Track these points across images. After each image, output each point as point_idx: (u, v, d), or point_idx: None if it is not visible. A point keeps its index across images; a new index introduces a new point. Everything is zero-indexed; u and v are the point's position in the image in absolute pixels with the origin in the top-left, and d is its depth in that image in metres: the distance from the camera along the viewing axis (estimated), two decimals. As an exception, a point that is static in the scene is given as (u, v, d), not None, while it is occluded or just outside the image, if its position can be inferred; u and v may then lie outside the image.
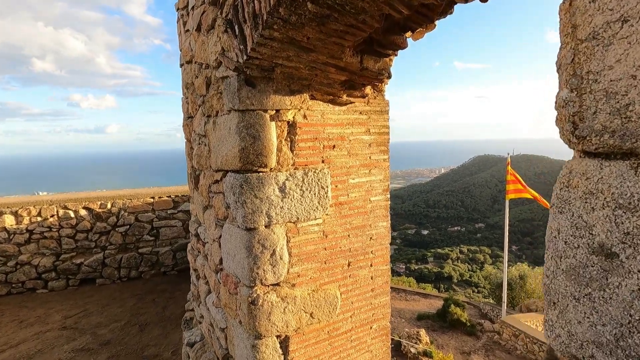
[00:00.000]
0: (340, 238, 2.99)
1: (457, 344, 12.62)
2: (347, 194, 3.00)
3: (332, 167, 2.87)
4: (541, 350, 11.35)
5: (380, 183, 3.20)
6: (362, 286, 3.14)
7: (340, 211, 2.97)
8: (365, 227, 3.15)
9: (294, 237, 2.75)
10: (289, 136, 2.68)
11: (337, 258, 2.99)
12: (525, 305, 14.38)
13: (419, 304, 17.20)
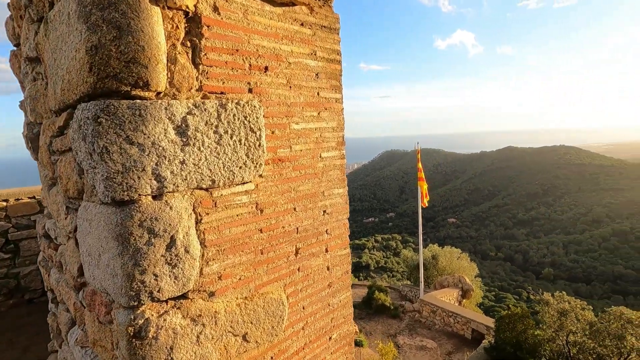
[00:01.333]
0: (283, 213, 1.98)
1: (384, 328, 12.72)
2: (290, 146, 1.99)
3: (266, 102, 1.83)
4: (456, 322, 12.06)
5: (334, 133, 2.29)
6: (317, 282, 2.21)
7: (281, 172, 1.96)
8: (317, 195, 2.20)
9: (208, 213, 1.62)
10: (188, 38, 1.53)
11: (280, 244, 1.98)
12: (439, 282, 15.24)
13: (346, 295, 17.13)
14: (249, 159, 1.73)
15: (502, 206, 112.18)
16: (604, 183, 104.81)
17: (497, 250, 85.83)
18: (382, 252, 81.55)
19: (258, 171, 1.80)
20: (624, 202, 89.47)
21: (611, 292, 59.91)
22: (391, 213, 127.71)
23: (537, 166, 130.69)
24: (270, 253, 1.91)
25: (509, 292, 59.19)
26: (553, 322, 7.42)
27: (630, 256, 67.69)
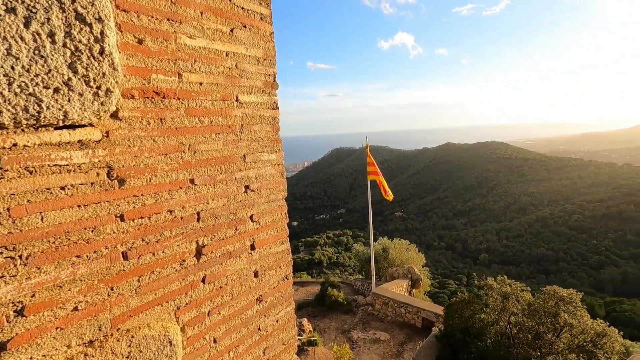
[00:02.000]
0: (169, 188, 1.16)
1: (338, 324, 12.34)
2: (178, 73, 1.18)
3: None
4: (407, 312, 12.08)
5: (259, 67, 1.56)
6: (237, 296, 1.42)
7: (162, 115, 1.13)
8: (233, 161, 1.42)
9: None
10: None
11: (166, 240, 1.16)
12: (390, 273, 15.24)
13: (298, 293, 16.46)
14: (77, 76, 0.87)
15: (443, 199, 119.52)
16: (528, 174, 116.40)
17: (440, 239, 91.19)
18: (333, 248, 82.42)
19: (105, 106, 0.95)
20: (544, 191, 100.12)
21: (536, 272, 66.61)
22: (341, 209, 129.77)
23: (473, 160, 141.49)
24: (144, 257, 1.10)
25: (450, 278, 63.11)
26: (496, 305, 7.55)
27: (550, 239, 75.79)
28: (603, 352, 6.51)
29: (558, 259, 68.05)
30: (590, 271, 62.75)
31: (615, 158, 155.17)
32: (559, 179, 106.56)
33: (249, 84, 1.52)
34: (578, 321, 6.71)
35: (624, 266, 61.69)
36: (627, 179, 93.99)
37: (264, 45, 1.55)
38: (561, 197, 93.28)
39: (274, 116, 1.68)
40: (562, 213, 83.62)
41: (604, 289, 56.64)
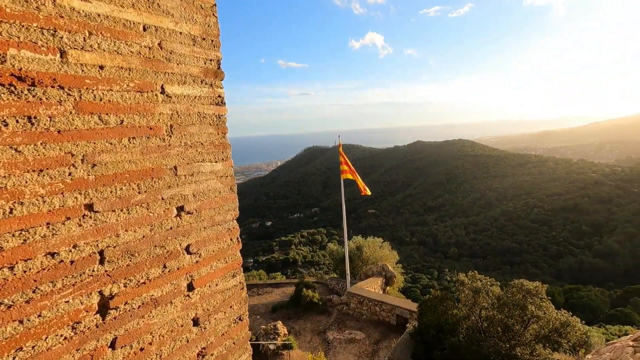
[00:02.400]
0: (47, 218, 0.77)
1: (313, 325, 12.09)
2: (57, 48, 0.78)
3: None
4: (382, 310, 12.06)
5: (195, 48, 1.23)
6: (168, 357, 1.06)
7: (28, 112, 0.73)
8: (159, 175, 1.06)
9: None
10: None
11: (45, 298, 0.76)
12: (364, 272, 15.19)
13: (272, 295, 16.04)
14: None
15: (414, 195, 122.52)
16: (493, 171, 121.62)
17: (412, 235, 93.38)
18: (308, 247, 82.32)
19: None
20: (507, 186, 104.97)
21: (501, 263, 69.68)
22: (316, 208, 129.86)
23: (441, 158, 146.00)
24: (4, 328, 0.72)
25: (422, 272, 64.76)
26: (468, 300, 7.62)
27: (514, 232, 79.52)
28: (567, 341, 6.71)
29: (521, 250, 71.54)
30: (550, 261, 66.49)
31: (571, 154, 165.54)
32: (521, 174, 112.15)
33: (180, 70, 1.17)
34: (544, 312, 6.88)
35: (580, 255, 65.82)
36: (581, 173, 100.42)
37: (202, 20, 1.19)
38: (523, 191, 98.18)
39: (218, 114, 1.33)
40: (524, 207, 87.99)
41: (562, 277, 60.16)
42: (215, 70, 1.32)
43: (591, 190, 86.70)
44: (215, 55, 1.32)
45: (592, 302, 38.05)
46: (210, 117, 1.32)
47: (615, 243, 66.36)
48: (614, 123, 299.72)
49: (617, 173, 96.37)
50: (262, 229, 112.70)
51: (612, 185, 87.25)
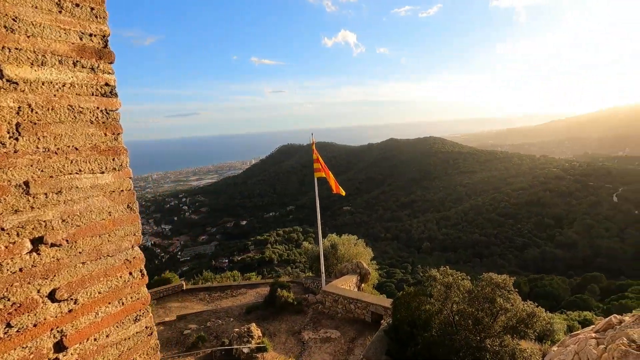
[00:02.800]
0: None
1: (288, 326, 12.02)
2: None
3: None
4: (357, 308, 12.19)
5: (62, 15, 0.97)
6: None
7: None
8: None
9: None
10: None
11: None
12: (339, 270, 15.31)
13: (246, 296, 15.85)
14: None
15: (388, 192, 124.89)
16: (463, 167, 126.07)
17: (386, 231, 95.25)
18: (284, 246, 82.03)
19: None
20: (476, 182, 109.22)
21: (472, 256, 72.47)
22: (291, 206, 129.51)
23: (414, 155, 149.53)
24: None
25: (397, 267, 66.24)
26: (440, 295, 7.82)
27: (483, 225, 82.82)
28: (533, 331, 7.05)
29: (490, 243, 74.72)
30: (516, 252, 69.93)
31: (534, 150, 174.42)
32: (489, 170, 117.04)
33: (33, 46, 0.88)
34: (511, 304, 7.16)
35: (543, 246, 69.68)
36: (544, 169, 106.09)
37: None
38: (491, 186, 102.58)
39: (106, 108, 1.05)
40: (492, 201, 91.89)
41: (527, 268, 63.45)
42: (99, 50, 1.02)
43: (553, 184, 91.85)
44: (98, 29, 1.02)
45: (554, 290, 40.39)
46: (92, 113, 1.01)
47: (574, 234, 70.68)
48: (573, 121, 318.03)
49: (575, 168, 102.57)
50: (237, 229, 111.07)
51: (571, 179, 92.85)
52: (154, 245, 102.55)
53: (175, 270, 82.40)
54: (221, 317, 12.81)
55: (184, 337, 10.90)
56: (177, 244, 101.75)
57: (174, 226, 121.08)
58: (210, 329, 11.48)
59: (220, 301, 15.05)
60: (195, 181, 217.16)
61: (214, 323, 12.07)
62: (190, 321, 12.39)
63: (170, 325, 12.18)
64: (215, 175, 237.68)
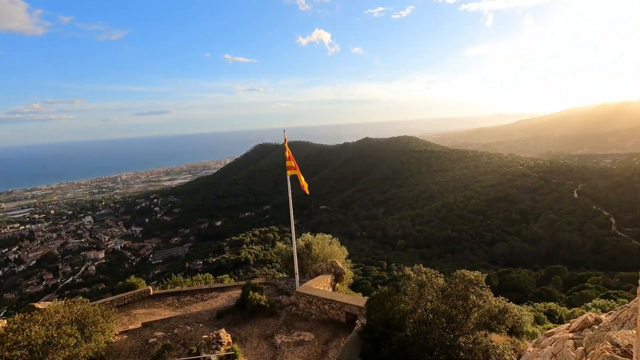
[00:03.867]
0: None
1: (260, 329, 11.44)
2: None
3: None
4: (331, 309, 11.94)
5: None
6: None
7: None
8: None
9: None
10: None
11: None
12: (313, 270, 15.05)
13: (218, 300, 15.26)
14: None
15: (364, 190, 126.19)
16: (435, 165, 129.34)
17: (362, 229, 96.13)
18: (260, 246, 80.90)
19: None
20: (448, 180, 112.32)
21: (444, 252, 74.40)
22: (267, 206, 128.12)
23: (388, 154, 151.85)
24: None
25: (372, 265, 66.92)
26: (414, 294, 7.74)
27: (455, 222, 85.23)
28: (504, 326, 7.09)
29: (461, 239, 77.00)
30: (486, 247, 72.46)
31: (502, 149, 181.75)
32: (460, 168, 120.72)
33: None
34: (484, 301, 7.16)
35: (511, 241, 72.60)
36: (511, 166, 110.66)
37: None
38: (462, 184, 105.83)
39: None
40: (463, 198, 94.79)
41: (496, 262, 65.89)
42: None
43: (519, 181, 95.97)
44: None
45: (521, 282, 42.11)
46: None
47: (539, 229, 74.13)
48: (538, 120, 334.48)
49: (539, 165, 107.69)
50: (212, 229, 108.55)
51: (535, 176, 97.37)
52: (124, 248, 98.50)
53: (147, 274, 78.92)
54: (190, 322, 12.24)
55: (149, 347, 10.29)
56: (148, 246, 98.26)
57: (145, 228, 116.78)
58: (178, 337, 10.92)
59: (189, 306, 14.41)
60: (168, 181, 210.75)
61: (182, 330, 11.50)
62: (157, 329, 11.75)
63: (134, 333, 11.50)
64: (189, 175, 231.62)
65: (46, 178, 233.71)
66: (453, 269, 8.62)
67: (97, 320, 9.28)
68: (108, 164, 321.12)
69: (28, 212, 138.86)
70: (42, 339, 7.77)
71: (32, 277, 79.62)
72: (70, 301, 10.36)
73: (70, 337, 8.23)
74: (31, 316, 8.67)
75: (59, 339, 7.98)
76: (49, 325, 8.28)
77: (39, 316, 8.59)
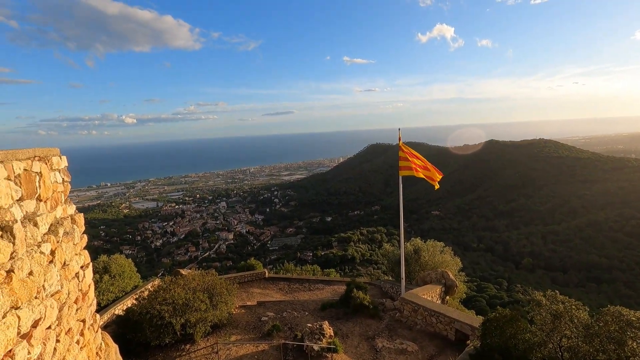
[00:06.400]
0: None
1: (362, 329, 11.17)
2: None
3: None
4: (439, 322, 10.98)
5: None
6: None
7: None
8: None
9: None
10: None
11: None
12: (421, 277, 14.14)
13: (323, 292, 15.89)
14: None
15: (484, 198, 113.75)
16: (580, 175, 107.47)
17: (479, 241, 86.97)
18: (367, 245, 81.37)
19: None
20: (598, 193, 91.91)
21: (585, 280, 61.40)
22: (376, 206, 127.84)
23: (517, 159, 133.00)
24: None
25: (489, 281, 59.87)
26: (545, 324, 6.51)
27: (603, 245, 69.46)
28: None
29: (612, 266, 62.23)
30: (649, 282, 56.78)
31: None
32: (617, 180, 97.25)
33: None
34: (649, 351, 5.59)
35: (692, 279, 55.17)
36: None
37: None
38: (618, 199, 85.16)
39: None
40: (618, 217, 76.33)
41: (666, 304, 51.10)
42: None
43: None
44: None
45: None
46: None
47: None
48: None
49: None
50: (322, 224, 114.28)
51: None
52: (248, 232, 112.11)
53: (264, 258, 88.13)
54: (297, 309, 13.02)
55: (261, 324, 11.36)
56: (267, 233, 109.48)
57: (266, 216, 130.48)
58: (286, 320, 11.74)
59: (297, 293, 15.38)
60: (287, 176, 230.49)
61: (290, 314, 12.33)
62: (269, 309, 12.89)
63: (250, 309, 12.86)
64: (305, 171, 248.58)
65: (195, 167, 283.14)
66: (597, 303, 6.95)
67: (223, 292, 10.69)
68: (240, 158, 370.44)
69: (181, 195, 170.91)
70: (182, 300, 9.36)
71: (181, 247, 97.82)
72: (205, 272, 12.25)
73: (202, 302, 9.69)
74: (176, 280, 10.56)
75: (194, 302, 9.49)
76: (187, 290, 9.92)
77: (181, 280, 10.40)
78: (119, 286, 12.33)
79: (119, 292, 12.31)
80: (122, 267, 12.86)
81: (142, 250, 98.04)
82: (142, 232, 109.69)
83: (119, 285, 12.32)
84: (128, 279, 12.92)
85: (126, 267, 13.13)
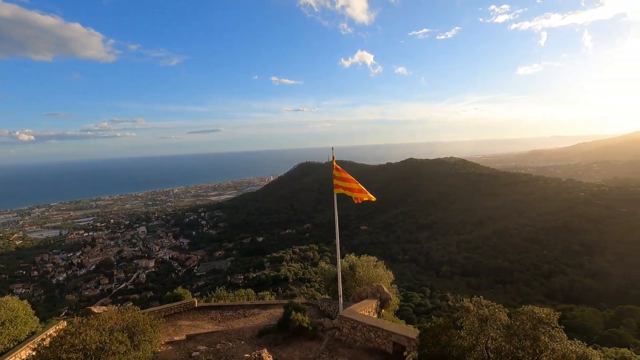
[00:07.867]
0: None
1: (302, 353, 10.78)
2: None
3: None
4: (377, 337, 11.18)
5: None
6: None
7: None
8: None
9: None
10: None
11: None
12: (357, 293, 14.37)
13: (259, 317, 15.11)
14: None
15: (406, 213, 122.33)
16: (485, 189, 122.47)
17: (404, 253, 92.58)
18: (300, 264, 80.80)
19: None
20: (499, 205, 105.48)
21: (494, 282, 69.03)
22: (308, 224, 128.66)
23: (433, 176, 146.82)
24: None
25: (414, 291, 63.69)
26: (473, 329, 6.97)
27: (506, 250, 79.26)
28: (586, 377, 6.10)
29: (513, 269, 71.10)
30: (542, 279, 66.06)
31: (560, 173, 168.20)
32: (512, 193, 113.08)
33: None
34: (558, 344, 6.26)
35: (571, 274, 65.63)
36: (571, 193, 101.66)
37: None
38: (514, 210, 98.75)
39: None
40: (516, 225, 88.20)
41: (554, 297, 59.67)
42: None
43: (581, 209, 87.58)
44: None
45: (585, 322, 37.47)
46: None
47: (607, 263, 66.47)
48: (601, 143, 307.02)
49: (605, 193, 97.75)
50: (253, 245, 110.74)
51: (601, 204, 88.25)
52: (172, 258, 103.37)
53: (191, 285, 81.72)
54: (232, 339, 12.15)
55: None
56: (194, 258, 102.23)
57: (192, 240, 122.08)
58: (220, 352, 10.83)
59: (232, 321, 14.41)
60: (215, 196, 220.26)
61: (224, 345, 11.42)
62: (200, 342, 11.79)
63: (179, 345, 11.62)
64: (234, 191, 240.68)
65: (109, 189, 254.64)
66: (505, 302, 7.73)
67: (146, 329, 9.47)
68: (162, 178, 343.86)
69: (92, 220, 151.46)
70: (96, 344, 8.02)
71: (90, 280, 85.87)
72: (123, 308, 10.74)
73: (121, 344, 8.43)
74: (88, 320, 9.05)
75: (111, 345, 8.20)
76: (102, 331, 8.56)
77: (95, 321, 8.94)
78: (10, 335, 10.18)
79: (10, 343, 10.15)
80: (15, 311, 10.68)
81: (41, 287, 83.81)
82: (40, 265, 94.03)
83: (10, 334, 10.17)
84: (22, 325, 10.74)
85: (20, 310, 10.93)
